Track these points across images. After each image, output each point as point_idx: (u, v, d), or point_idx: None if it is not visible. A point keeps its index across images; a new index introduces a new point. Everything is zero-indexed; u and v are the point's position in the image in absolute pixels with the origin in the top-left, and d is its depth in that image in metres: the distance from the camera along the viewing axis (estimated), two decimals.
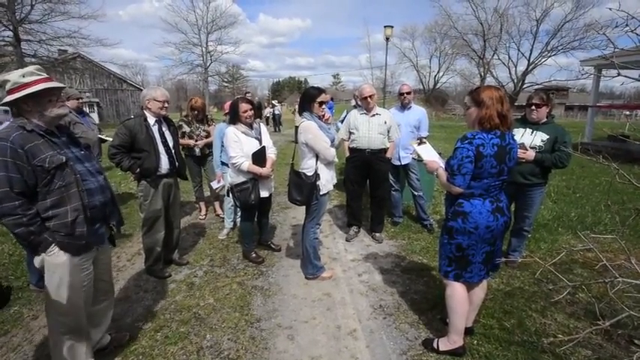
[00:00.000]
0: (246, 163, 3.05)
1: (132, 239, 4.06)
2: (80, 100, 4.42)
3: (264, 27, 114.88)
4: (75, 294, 1.78)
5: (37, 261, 1.74)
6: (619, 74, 1.71)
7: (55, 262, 1.70)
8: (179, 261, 3.39)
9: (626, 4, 1.56)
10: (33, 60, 16.08)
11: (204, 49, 34.21)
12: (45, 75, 1.74)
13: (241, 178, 3.12)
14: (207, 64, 34.80)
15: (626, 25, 1.57)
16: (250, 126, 3.16)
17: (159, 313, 2.62)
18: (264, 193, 3.24)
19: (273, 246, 3.74)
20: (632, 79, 1.62)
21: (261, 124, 3.36)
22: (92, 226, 1.80)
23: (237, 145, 3.06)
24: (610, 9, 1.66)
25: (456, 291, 2.08)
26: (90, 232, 1.78)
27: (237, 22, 35.59)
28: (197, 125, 4.35)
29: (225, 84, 43.56)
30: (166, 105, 2.96)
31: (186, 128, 4.32)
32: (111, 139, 3.01)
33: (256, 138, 3.18)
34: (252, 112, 3.12)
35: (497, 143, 1.86)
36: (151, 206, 2.98)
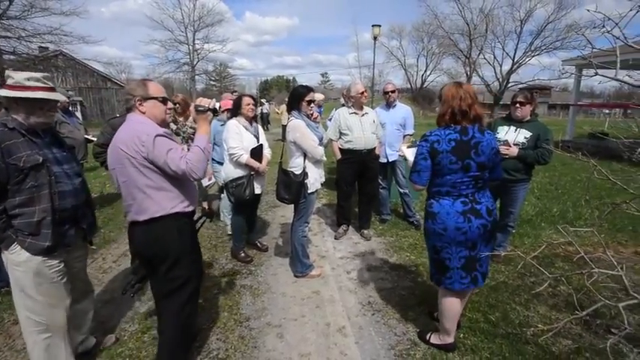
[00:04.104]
0: (245, 156, 3.11)
1: (118, 240, 4.00)
2: (67, 100, 4.32)
3: (251, 25, 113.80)
4: (43, 292, 1.74)
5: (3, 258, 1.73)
6: (597, 74, 1.77)
7: (17, 260, 1.68)
8: None
9: (604, 5, 1.61)
10: (12, 57, 15.58)
11: (190, 47, 33.73)
12: (50, 84, 1.73)
13: (238, 173, 3.15)
14: (194, 63, 34.33)
15: (603, 26, 1.62)
16: (250, 122, 3.24)
17: (146, 315, 2.59)
18: (257, 190, 3.26)
19: (260, 245, 3.73)
20: (609, 78, 1.67)
21: (258, 125, 3.42)
22: (60, 228, 1.76)
23: (239, 137, 3.12)
24: (588, 10, 1.71)
25: (445, 295, 2.09)
26: (57, 234, 1.74)
27: (224, 20, 35.22)
28: (183, 122, 4.30)
29: (213, 83, 43.05)
30: None
31: (172, 126, 4.27)
32: (96, 139, 2.97)
33: (254, 135, 3.25)
34: (254, 106, 3.26)
35: (456, 138, 1.86)
36: None
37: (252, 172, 3.20)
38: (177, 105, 4.31)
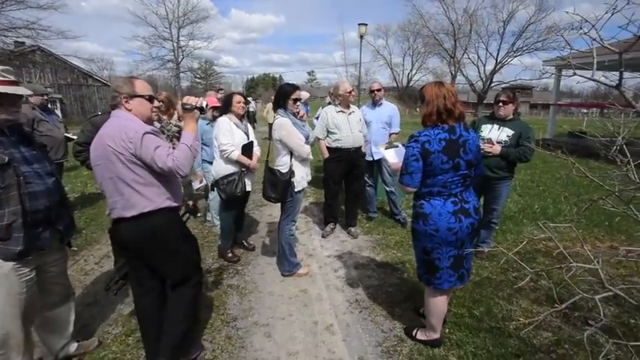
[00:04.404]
0: (237, 152, 3.12)
1: (100, 241, 3.90)
2: (45, 97, 4.18)
3: (237, 22, 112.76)
4: (10, 302, 1.63)
5: None
6: (575, 74, 1.82)
7: None
8: None
9: (581, 8, 1.66)
10: None
11: (175, 44, 33.10)
12: (12, 78, 1.64)
13: (228, 170, 3.15)
14: (179, 60, 33.73)
15: (581, 28, 1.67)
16: (240, 119, 3.26)
17: (130, 317, 2.54)
18: (248, 187, 3.27)
19: (247, 244, 3.71)
20: (586, 78, 1.72)
21: (247, 123, 3.43)
22: (33, 230, 1.68)
23: (230, 134, 3.12)
24: (567, 12, 1.76)
25: (432, 295, 2.11)
26: (29, 238, 1.65)
27: (209, 17, 34.72)
28: (167, 121, 4.23)
29: (198, 80, 42.37)
30: None
31: (156, 124, 4.19)
32: (77, 138, 2.90)
33: (245, 132, 3.27)
34: (245, 104, 3.30)
35: (446, 138, 1.85)
36: None
37: (244, 169, 3.21)
38: (161, 103, 4.23)
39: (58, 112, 22.40)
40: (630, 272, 3.13)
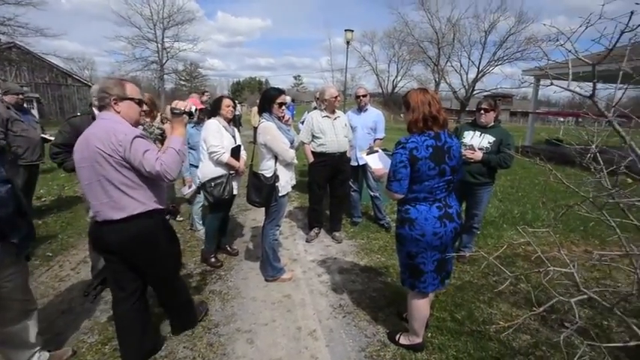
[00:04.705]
0: (227, 155, 3.11)
1: (77, 246, 3.77)
2: (21, 96, 4.03)
3: (223, 25, 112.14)
4: None
5: None
6: (552, 84, 1.89)
7: None
8: None
9: (558, 21, 1.73)
10: None
11: (159, 45, 32.53)
12: None
13: (216, 172, 3.12)
14: (163, 61, 33.17)
15: (557, 39, 1.74)
16: (228, 123, 3.27)
17: (107, 325, 2.45)
18: (234, 190, 3.25)
19: (230, 249, 3.66)
20: (562, 88, 1.79)
21: (234, 127, 3.41)
22: None
23: (219, 136, 3.11)
24: (544, 24, 1.83)
25: (415, 299, 2.12)
26: None
27: (195, 19, 34.29)
28: (150, 123, 4.14)
29: (183, 82, 41.78)
30: None
31: (139, 127, 4.10)
32: (54, 139, 2.80)
33: (232, 136, 3.27)
34: (233, 108, 3.32)
35: (432, 144, 1.87)
36: None
37: (232, 172, 3.19)
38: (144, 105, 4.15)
39: (35, 112, 21.63)
40: (603, 275, 3.25)
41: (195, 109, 2.02)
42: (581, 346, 1.46)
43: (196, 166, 3.70)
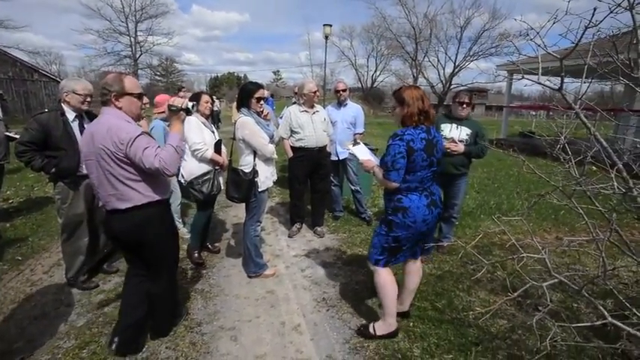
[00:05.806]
0: (210, 151, 3.09)
1: (49, 249, 3.62)
2: None
3: (199, 19, 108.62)
4: None
5: None
6: (523, 77, 1.96)
7: None
8: (107, 269, 3.11)
9: (528, 17, 1.78)
10: None
11: (132, 39, 31.46)
12: None
13: (202, 169, 3.08)
14: (137, 56, 32.09)
15: (527, 34, 1.80)
16: (207, 119, 3.26)
17: (84, 328, 2.38)
18: (222, 185, 3.23)
19: (211, 247, 3.61)
20: (533, 81, 1.86)
21: (211, 123, 3.41)
22: None
23: (201, 133, 3.08)
24: (515, 19, 1.89)
25: (384, 277, 2.20)
26: None
27: (169, 12, 33.28)
28: None
29: (158, 78, 40.45)
30: (88, 99, 2.69)
31: None
32: (20, 137, 2.67)
33: (211, 131, 3.24)
34: (212, 104, 3.34)
35: (425, 137, 2.02)
36: (71, 210, 2.69)
37: (217, 167, 3.17)
38: None
39: None
40: (573, 260, 3.41)
41: (193, 105, 2.08)
42: (553, 328, 1.54)
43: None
